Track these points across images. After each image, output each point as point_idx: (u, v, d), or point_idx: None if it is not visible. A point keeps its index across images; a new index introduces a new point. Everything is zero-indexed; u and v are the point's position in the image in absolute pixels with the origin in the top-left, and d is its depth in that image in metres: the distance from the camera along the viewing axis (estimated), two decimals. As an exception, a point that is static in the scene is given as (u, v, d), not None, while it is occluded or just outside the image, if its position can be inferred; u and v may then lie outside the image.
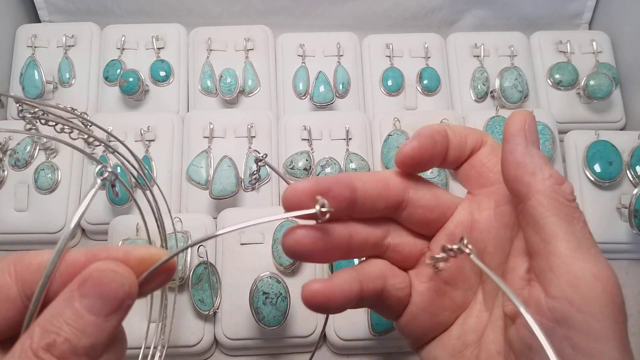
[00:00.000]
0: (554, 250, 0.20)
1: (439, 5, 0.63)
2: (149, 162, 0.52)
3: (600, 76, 0.56)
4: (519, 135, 0.23)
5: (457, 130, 0.25)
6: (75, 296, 0.18)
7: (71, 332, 0.17)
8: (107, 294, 0.18)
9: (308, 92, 0.57)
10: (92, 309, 0.18)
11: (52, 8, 0.63)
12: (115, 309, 0.18)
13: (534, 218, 0.21)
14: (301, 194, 0.21)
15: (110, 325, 0.18)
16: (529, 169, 0.21)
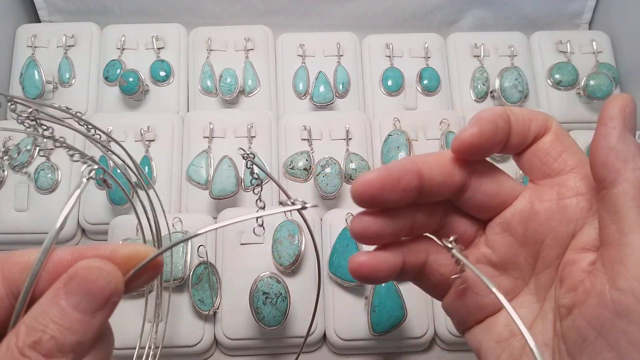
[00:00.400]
0: (629, 242, 0.19)
1: (439, 5, 0.63)
2: (149, 162, 0.52)
3: (600, 76, 0.56)
4: (616, 119, 0.21)
5: (520, 115, 0.23)
6: (61, 294, 0.18)
7: (57, 330, 0.17)
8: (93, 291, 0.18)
9: (308, 92, 0.57)
10: (79, 306, 0.18)
11: (52, 8, 0.63)
12: (101, 306, 0.18)
13: (615, 207, 0.20)
14: (371, 187, 0.22)
15: (96, 322, 0.18)
16: (621, 156, 0.20)
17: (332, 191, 0.49)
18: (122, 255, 0.19)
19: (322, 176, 0.49)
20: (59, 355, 0.17)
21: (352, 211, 0.48)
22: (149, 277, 0.20)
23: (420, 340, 0.46)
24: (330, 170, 0.49)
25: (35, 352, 0.17)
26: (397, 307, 0.43)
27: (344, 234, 0.46)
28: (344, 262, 0.45)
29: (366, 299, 0.44)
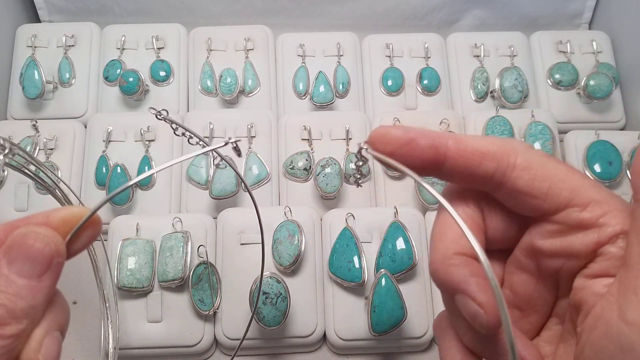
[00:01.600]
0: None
1: (439, 5, 0.63)
2: (149, 162, 0.52)
3: (600, 76, 0.56)
4: None
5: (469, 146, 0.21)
6: (3, 264, 0.18)
7: (6, 298, 0.17)
8: (34, 255, 0.18)
9: (308, 92, 0.57)
10: (22, 272, 0.18)
11: (52, 8, 0.63)
12: (45, 268, 0.18)
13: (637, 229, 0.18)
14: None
15: (44, 285, 0.18)
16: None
17: (332, 191, 0.49)
18: (58, 218, 0.19)
19: (322, 176, 0.49)
20: (12, 322, 0.17)
21: (352, 211, 0.48)
22: (90, 236, 0.20)
23: (420, 340, 0.46)
24: (330, 170, 0.49)
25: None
26: (397, 307, 0.43)
27: (344, 234, 0.46)
28: (344, 262, 0.45)
29: (366, 299, 0.44)
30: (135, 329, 0.45)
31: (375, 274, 0.44)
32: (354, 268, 0.45)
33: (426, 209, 0.50)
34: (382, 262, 0.45)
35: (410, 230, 0.46)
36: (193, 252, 0.45)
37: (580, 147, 0.53)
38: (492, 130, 0.53)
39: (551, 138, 0.52)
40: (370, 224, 0.48)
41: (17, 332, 0.18)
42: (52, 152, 0.53)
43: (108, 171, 0.51)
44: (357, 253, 0.45)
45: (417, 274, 0.47)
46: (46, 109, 0.57)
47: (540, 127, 0.53)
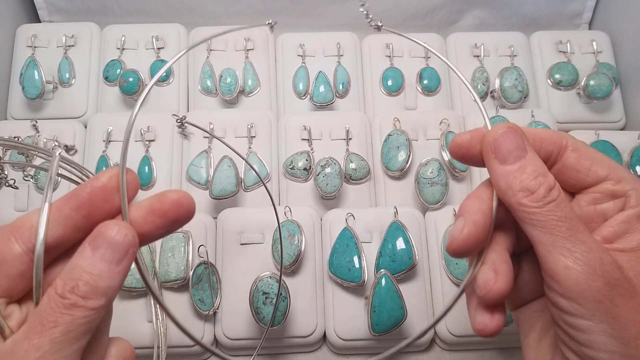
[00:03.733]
0: (538, 254, 0.23)
1: (439, 5, 0.63)
2: (149, 162, 0.52)
3: (600, 76, 0.55)
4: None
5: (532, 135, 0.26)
6: (89, 250, 0.21)
7: (90, 277, 0.21)
8: (114, 244, 0.21)
9: (308, 92, 0.57)
10: (105, 257, 0.21)
11: (52, 8, 0.63)
12: (123, 256, 0.22)
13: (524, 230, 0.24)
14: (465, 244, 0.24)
15: (121, 269, 0.22)
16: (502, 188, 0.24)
17: (332, 191, 0.49)
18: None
19: (322, 176, 0.49)
20: (94, 297, 0.21)
21: (352, 211, 0.48)
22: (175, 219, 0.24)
23: (420, 340, 0.46)
24: (330, 170, 0.49)
25: (74, 295, 0.20)
26: (397, 307, 0.43)
27: (344, 234, 0.46)
28: (344, 262, 0.45)
29: (366, 299, 0.44)
30: (135, 329, 0.45)
31: (375, 274, 0.44)
32: (354, 268, 0.45)
33: (426, 209, 0.50)
34: (382, 262, 0.45)
35: (410, 230, 0.46)
36: (194, 252, 0.45)
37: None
38: (492, 130, 0.53)
39: (551, 138, 0.52)
40: (370, 224, 0.48)
41: (97, 306, 0.21)
42: (52, 152, 0.53)
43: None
44: (357, 253, 0.45)
45: (417, 274, 0.47)
46: (46, 109, 0.57)
47: (540, 127, 0.53)
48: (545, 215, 0.23)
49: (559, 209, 0.23)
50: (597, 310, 0.21)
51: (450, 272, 0.47)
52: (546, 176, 0.24)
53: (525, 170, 0.24)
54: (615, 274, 0.22)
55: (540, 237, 0.23)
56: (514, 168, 0.24)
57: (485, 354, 0.48)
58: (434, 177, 0.50)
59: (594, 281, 0.22)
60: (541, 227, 0.23)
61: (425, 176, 0.50)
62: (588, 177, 0.25)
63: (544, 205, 0.23)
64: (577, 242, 0.22)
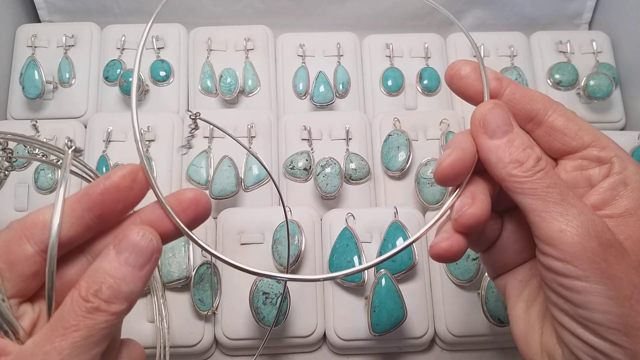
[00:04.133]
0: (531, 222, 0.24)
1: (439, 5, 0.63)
2: (149, 162, 0.52)
3: (600, 76, 0.56)
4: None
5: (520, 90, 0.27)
6: (113, 253, 0.21)
7: (113, 281, 0.21)
8: (139, 249, 0.22)
9: (308, 92, 0.57)
10: (129, 261, 0.21)
11: (52, 8, 0.63)
12: (147, 260, 0.22)
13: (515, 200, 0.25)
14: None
15: (144, 274, 0.22)
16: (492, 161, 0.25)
17: (332, 191, 0.49)
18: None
19: (322, 176, 0.49)
20: (117, 302, 0.21)
21: (352, 211, 0.48)
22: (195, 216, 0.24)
23: (420, 340, 0.46)
24: (330, 170, 0.49)
25: (97, 298, 0.20)
26: (397, 307, 0.43)
27: (344, 234, 0.46)
28: (344, 262, 0.45)
29: (366, 299, 0.44)
30: (135, 329, 0.45)
31: (375, 274, 0.44)
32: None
33: (426, 209, 0.50)
34: (382, 262, 0.45)
35: (410, 230, 0.46)
36: (196, 253, 0.45)
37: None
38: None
39: (551, 138, 0.52)
40: (370, 224, 0.48)
41: (119, 310, 0.21)
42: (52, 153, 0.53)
43: (108, 171, 0.51)
44: (357, 253, 0.45)
45: (417, 274, 0.47)
46: (46, 109, 0.57)
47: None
48: (536, 182, 0.24)
49: (548, 177, 0.24)
50: (592, 270, 0.22)
51: (450, 272, 0.47)
52: (533, 148, 0.25)
53: (514, 143, 0.25)
54: (608, 234, 0.23)
55: (533, 204, 0.24)
56: (503, 142, 0.25)
57: (485, 354, 0.48)
58: (434, 177, 0.49)
59: (588, 242, 0.22)
60: (532, 194, 0.24)
61: (425, 176, 0.50)
62: (574, 141, 0.26)
63: (534, 174, 0.24)
64: (569, 206, 0.23)
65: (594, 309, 0.22)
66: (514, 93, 0.27)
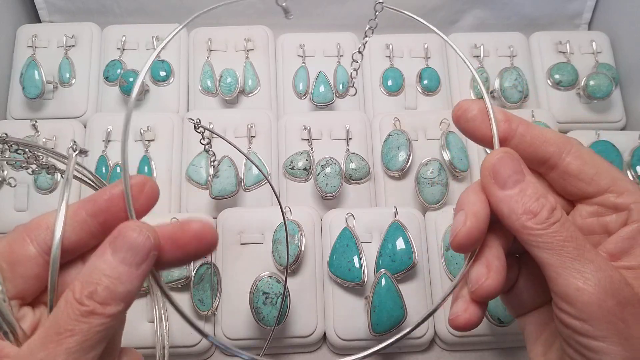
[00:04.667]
0: (547, 277, 0.23)
1: (439, 5, 0.63)
2: (148, 162, 0.52)
3: (600, 76, 0.56)
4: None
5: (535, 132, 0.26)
6: (109, 252, 0.20)
7: (109, 281, 0.20)
8: (135, 247, 0.20)
9: (308, 92, 0.57)
10: (125, 260, 0.20)
11: (52, 8, 0.63)
12: (144, 259, 0.21)
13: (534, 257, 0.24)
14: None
15: (141, 273, 0.21)
16: (504, 213, 0.24)
17: (332, 191, 0.49)
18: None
19: (322, 176, 0.49)
20: (112, 303, 0.20)
21: (352, 211, 0.48)
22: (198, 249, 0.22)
23: (420, 340, 0.46)
24: (330, 170, 0.49)
25: (92, 301, 0.19)
26: (397, 307, 0.43)
27: (344, 234, 0.46)
28: (344, 262, 0.45)
29: (366, 299, 0.44)
30: (135, 329, 0.45)
31: (375, 274, 0.44)
32: (354, 268, 0.45)
33: (426, 209, 0.50)
34: (382, 262, 0.45)
35: (410, 230, 0.46)
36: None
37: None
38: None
39: (551, 138, 0.52)
40: (370, 224, 0.48)
41: (115, 312, 0.20)
42: (52, 152, 0.53)
43: (108, 171, 0.51)
44: (357, 253, 0.45)
45: (417, 274, 0.47)
46: (46, 109, 0.57)
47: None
48: (551, 236, 0.23)
49: (564, 229, 0.23)
50: (610, 331, 0.21)
51: (450, 272, 0.47)
52: (547, 197, 0.24)
53: (526, 193, 0.24)
54: (626, 291, 0.22)
55: (548, 259, 0.23)
56: (515, 192, 0.24)
57: (485, 354, 0.48)
58: (434, 177, 0.50)
59: (605, 301, 0.21)
60: (548, 248, 0.23)
61: (425, 176, 0.50)
62: (590, 187, 0.25)
63: (549, 226, 0.23)
64: (586, 261, 0.22)
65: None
66: (524, 135, 0.25)
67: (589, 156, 0.25)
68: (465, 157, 0.51)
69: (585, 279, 0.22)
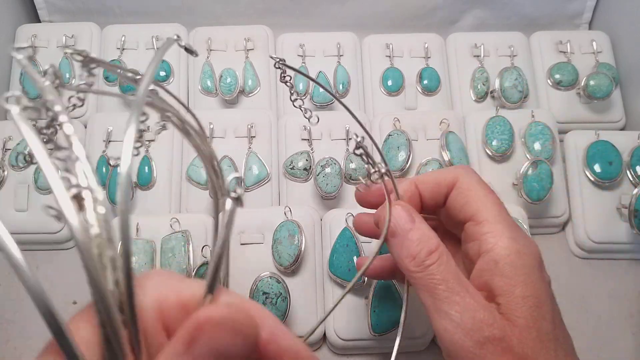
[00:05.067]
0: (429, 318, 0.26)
1: (439, 5, 0.63)
2: (149, 162, 0.52)
3: (600, 76, 0.55)
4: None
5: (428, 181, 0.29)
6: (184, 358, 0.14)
7: None
8: (225, 355, 0.14)
9: (308, 92, 0.57)
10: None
11: (52, 8, 0.63)
12: None
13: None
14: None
15: None
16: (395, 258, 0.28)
17: (332, 191, 0.49)
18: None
19: (322, 176, 0.49)
20: None
21: (352, 211, 0.48)
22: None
23: (420, 340, 0.46)
24: (330, 170, 0.49)
25: None
26: (397, 308, 0.43)
27: (344, 234, 0.46)
28: (344, 262, 0.45)
29: (366, 299, 0.44)
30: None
31: (375, 274, 0.44)
32: (354, 268, 0.45)
33: (426, 209, 0.50)
34: (382, 262, 0.45)
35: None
36: (196, 253, 0.45)
37: (580, 147, 0.53)
38: (492, 130, 0.53)
39: (551, 138, 0.52)
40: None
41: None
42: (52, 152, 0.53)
43: (108, 171, 0.51)
44: (357, 253, 0.45)
45: (417, 274, 0.47)
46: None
47: (540, 127, 0.53)
48: (427, 279, 0.25)
49: (438, 272, 0.25)
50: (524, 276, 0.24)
51: (450, 272, 0.47)
52: (429, 240, 0.26)
53: (412, 238, 0.26)
54: (487, 331, 0.23)
55: (426, 300, 0.25)
56: (402, 239, 0.26)
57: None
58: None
59: (465, 341, 0.23)
60: (425, 290, 0.25)
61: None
62: (460, 215, 0.28)
63: (425, 269, 0.25)
64: (453, 303, 0.24)
65: None
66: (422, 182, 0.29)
67: (468, 185, 0.28)
68: (465, 157, 0.51)
69: (451, 320, 0.24)
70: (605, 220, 0.51)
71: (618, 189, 0.52)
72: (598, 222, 0.51)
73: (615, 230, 0.51)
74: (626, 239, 0.51)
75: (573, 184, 0.53)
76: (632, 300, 0.51)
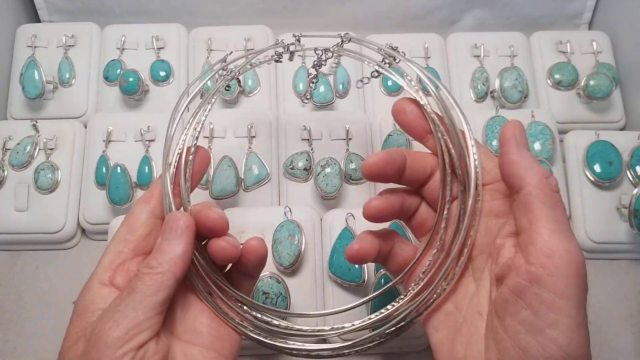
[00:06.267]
0: (536, 229, 0.26)
1: (439, 5, 0.63)
2: (149, 162, 0.52)
3: (600, 76, 0.56)
4: (511, 140, 0.29)
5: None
6: (159, 237, 0.31)
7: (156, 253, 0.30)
8: (173, 228, 0.30)
9: (308, 92, 0.57)
10: (165, 237, 0.30)
11: (52, 8, 0.63)
12: (178, 236, 0.30)
13: (524, 204, 0.27)
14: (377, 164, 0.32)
15: (178, 243, 0.30)
16: (522, 166, 0.28)
17: (332, 191, 0.49)
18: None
19: (322, 176, 0.49)
20: (159, 267, 0.29)
21: (352, 211, 0.48)
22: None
23: (420, 340, 0.46)
24: (330, 170, 0.49)
25: (145, 267, 0.29)
26: (397, 307, 0.43)
27: (344, 234, 0.46)
28: (344, 262, 0.45)
29: (366, 299, 0.44)
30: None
31: (375, 274, 0.44)
32: (354, 268, 0.45)
33: (426, 209, 0.50)
34: (382, 262, 0.45)
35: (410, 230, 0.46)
36: (193, 252, 0.45)
37: (580, 147, 0.53)
38: (492, 130, 0.53)
39: (551, 138, 0.52)
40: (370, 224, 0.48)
41: (162, 271, 0.29)
42: (52, 152, 0.53)
43: (108, 171, 0.51)
44: (357, 253, 0.45)
45: (417, 274, 0.47)
46: (46, 109, 0.57)
47: (540, 127, 0.53)
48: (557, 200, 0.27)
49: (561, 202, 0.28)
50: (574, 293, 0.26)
51: (450, 272, 0.47)
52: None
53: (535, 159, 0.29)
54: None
55: (548, 218, 0.26)
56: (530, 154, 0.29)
57: (485, 354, 0.48)
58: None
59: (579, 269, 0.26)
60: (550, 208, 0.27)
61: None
62: (488, 175, 0.32)
63: (557, 192, 0.28)
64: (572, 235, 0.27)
65: None
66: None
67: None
68: (465, 157, 0.51)
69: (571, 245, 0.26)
70: (605, 220, 0.51)
71: (618, 189, 0.52)
72: (598, 222, 0.51)
73: (615, 230, 0.51)
74: (626, 239, 0.51)
75: (573, 184, 0.53)
76: (632, 300, 0.51)
